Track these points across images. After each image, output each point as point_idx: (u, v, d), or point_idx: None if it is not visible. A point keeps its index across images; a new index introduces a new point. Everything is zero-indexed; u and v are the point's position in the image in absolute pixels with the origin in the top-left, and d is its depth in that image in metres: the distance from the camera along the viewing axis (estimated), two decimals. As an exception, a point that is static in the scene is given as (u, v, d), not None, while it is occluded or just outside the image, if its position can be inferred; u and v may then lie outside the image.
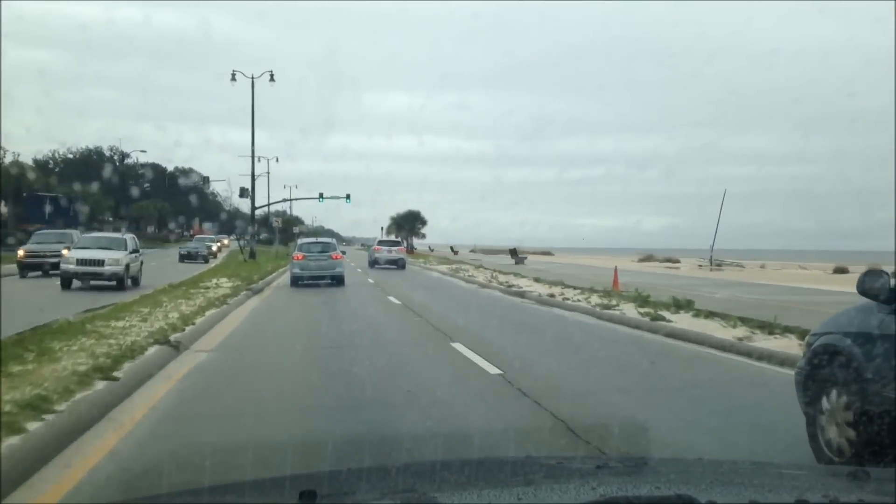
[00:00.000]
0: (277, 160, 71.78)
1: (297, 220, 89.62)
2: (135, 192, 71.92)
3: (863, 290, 4.86)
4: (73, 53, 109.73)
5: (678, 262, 52.19)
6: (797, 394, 5.41)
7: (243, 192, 53.58)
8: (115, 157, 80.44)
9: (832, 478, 2.49)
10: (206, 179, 52.29)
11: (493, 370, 8.76)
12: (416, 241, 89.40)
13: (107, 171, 72.15)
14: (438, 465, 2.63)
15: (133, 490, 4.43)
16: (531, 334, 13.24)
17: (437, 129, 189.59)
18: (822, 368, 5.13)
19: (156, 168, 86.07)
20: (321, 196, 57.94)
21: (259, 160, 67.37)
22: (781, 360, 9.27)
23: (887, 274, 4.83)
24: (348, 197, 57.34)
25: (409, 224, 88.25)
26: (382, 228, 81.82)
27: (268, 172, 73.74)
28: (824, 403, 5.04)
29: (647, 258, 60.35)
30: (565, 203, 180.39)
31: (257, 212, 67.10)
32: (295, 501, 1.87)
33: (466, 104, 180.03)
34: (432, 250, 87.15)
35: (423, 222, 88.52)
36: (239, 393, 7.64)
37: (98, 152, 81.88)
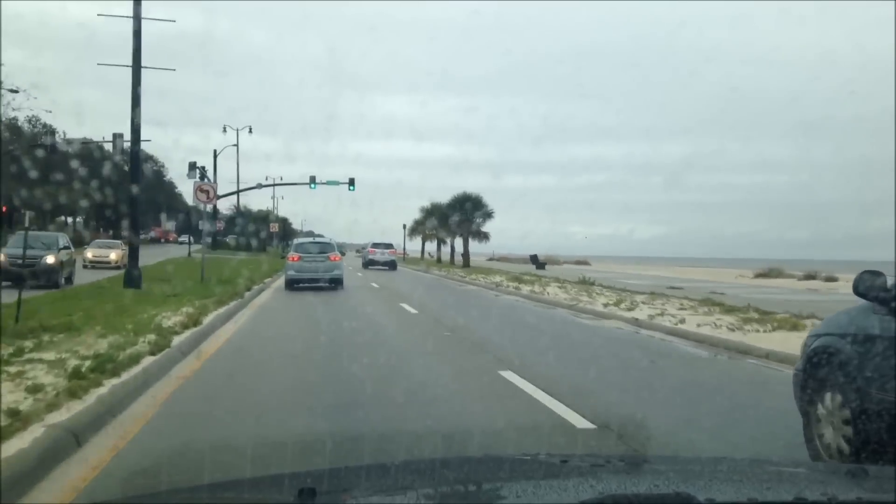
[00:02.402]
0: (251, 130, 60.06)
1: (272, 216, 74.00)
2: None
3: (859, 290, 4.84)
4: (70, 53, 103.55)
5: (835, 280, 32.17)
6: (794, 395, 5.40)
7: (193, 168, 44.43)
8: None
9: (831, 475, 2.51)
10: (117, 138, 36.41)
11: None
12: (469, 245, 54.71)
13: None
14: (438, 462, 2.65)
15: (133, 487, 4.36)
16: None
17: (435, 132, 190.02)
18: (818, 370, 5.12)
19: (89, 145, 65.23)
20: (313, 181, 49.58)
21: (225, 131, 59.54)
22: None
23: (884, 274, 4.81)
24: (352, 183, 49.01)
25: (462, 214, 53.75)
26: (405, 227, 62.27)
27: (235, 145, 60.28)
28: (821, 405, 5.05)
29: (769, 273, 38.82)
30: (560, 209, 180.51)
31: (220, 203, 58.78)
32: (294, 499, 1.86)
33: (465, 106, 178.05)
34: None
35: (487, 213, 53.75)
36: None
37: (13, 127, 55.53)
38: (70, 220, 69.37)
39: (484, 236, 54.36)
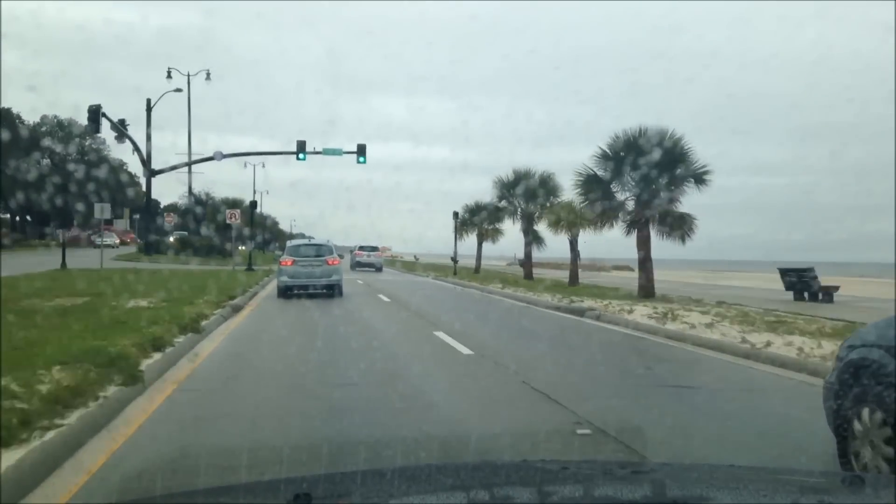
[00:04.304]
0: (208, 76, 45.16)
1: (240, 204, 59.88)
2: None
3: None
4: (66, 54, 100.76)
5: None
6: (826, 412, 5.13)
7: (95, 120, 32.60)
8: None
9: (827, 483, 2.48)
10: None
11: None
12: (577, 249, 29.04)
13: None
14: (434, 468, 2.69)
15: (128, 492, 4.35)
16: None
17: (433, 136, 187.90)
18: (855, 384, 4.83)
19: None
20: (301, 150, 38.08)
21: (170, 76, 44.51)
22: None
23: None
24: (362, 152, 38.34)
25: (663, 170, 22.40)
26: (456, 216, 40.71)
27: (182, 91, 44.33)
28: (857, 422, 4.74)
29: None
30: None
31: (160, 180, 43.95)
32: None
33: (463, 110, 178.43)
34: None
35: (695, 174, 22.57)
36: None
37: None
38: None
39: (686, 225, 23.41)
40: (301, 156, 39.12)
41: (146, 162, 39.55)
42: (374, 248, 46.77)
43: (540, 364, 10.00)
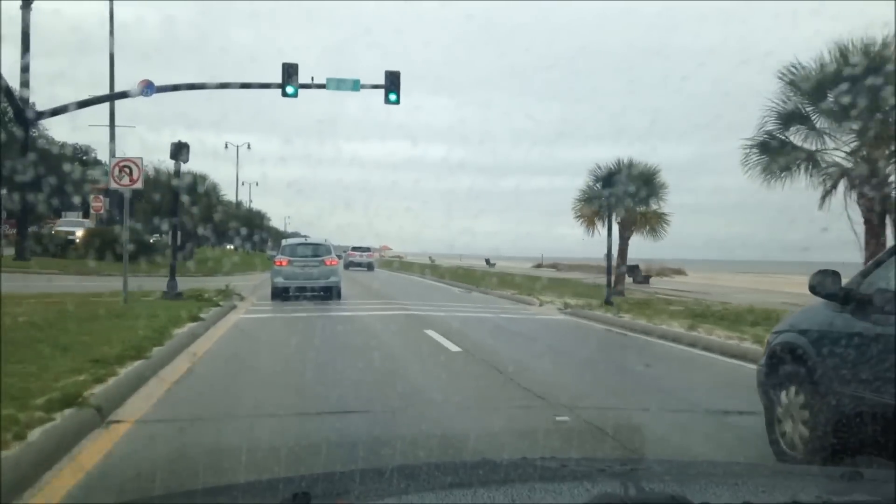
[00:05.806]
0: None
1: (230, 202, 47.59)
2: None
3: (815, 289, 4.97)
4: (62, 54, 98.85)
5: None
6: (758, 390, 5.54)
7: None
8: None
9: (825, 478, 2.50)
10: None
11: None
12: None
13: None
14: (433, 466, 2.64)
15: (126, 492, 4.28)
16: None
17: (430, 135, 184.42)
18: (779, 366, 5.28)
19: None
20: (288, 79, 24.57)
21: None
22: None
23: (838, 273, 4.96)
24: (393, 87, 25.33)
25: None
26: (608, 181, 22.05)
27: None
28: (781, 400, 5.17)
29: None
30: (553, 212, 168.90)
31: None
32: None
33: (461, 109, 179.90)
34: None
35: None
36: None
37: None
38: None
39: None
40: (290, 89, 24.86)
41: (12, 96, 22.42)
42: (367, 249, 48.80)
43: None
